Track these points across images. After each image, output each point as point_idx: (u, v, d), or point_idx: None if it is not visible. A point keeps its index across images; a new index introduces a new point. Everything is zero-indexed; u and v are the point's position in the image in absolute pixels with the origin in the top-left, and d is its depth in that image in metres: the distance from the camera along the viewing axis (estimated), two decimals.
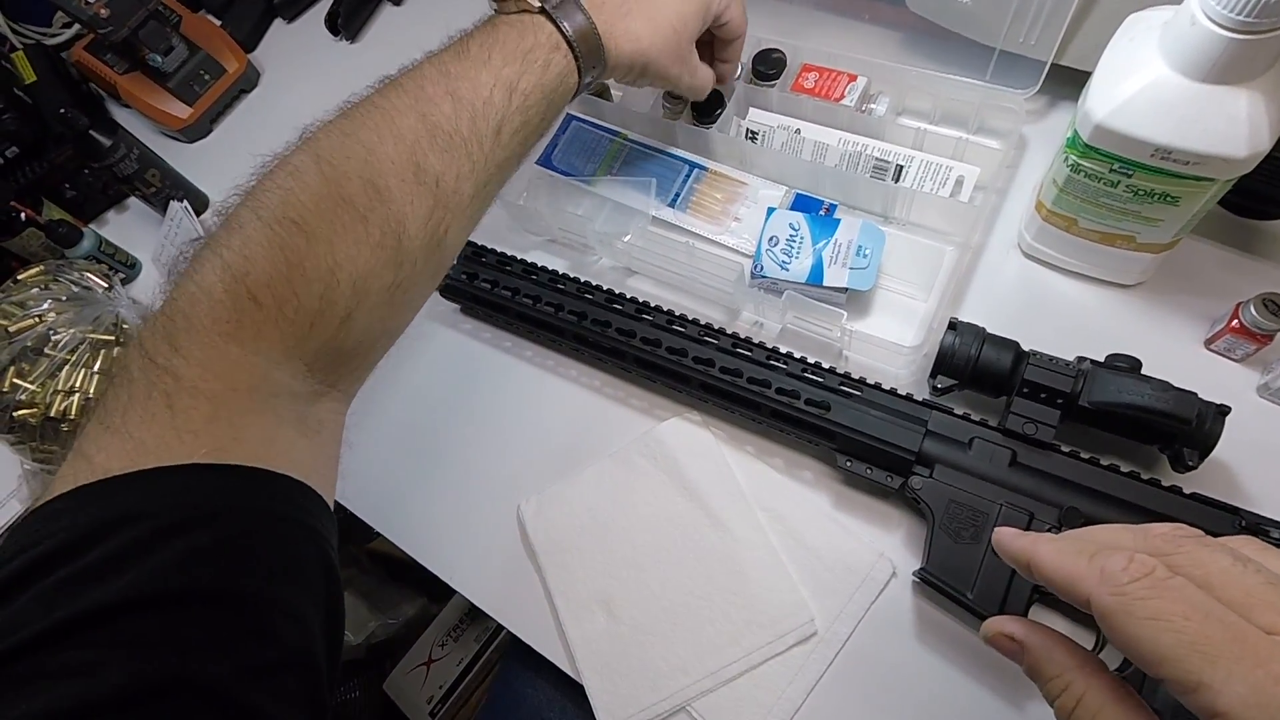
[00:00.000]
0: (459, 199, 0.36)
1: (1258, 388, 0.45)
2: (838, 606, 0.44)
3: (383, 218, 0.33)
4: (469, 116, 0.37)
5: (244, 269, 0.31)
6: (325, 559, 0.31)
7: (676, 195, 0.59)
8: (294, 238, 0.31)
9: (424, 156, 0.35)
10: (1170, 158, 0.38)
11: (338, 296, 0.32)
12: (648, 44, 0.46)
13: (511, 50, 0.39)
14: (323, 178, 0.33)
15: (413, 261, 0.35)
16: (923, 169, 0.55)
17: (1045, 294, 0.51)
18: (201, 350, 0.30)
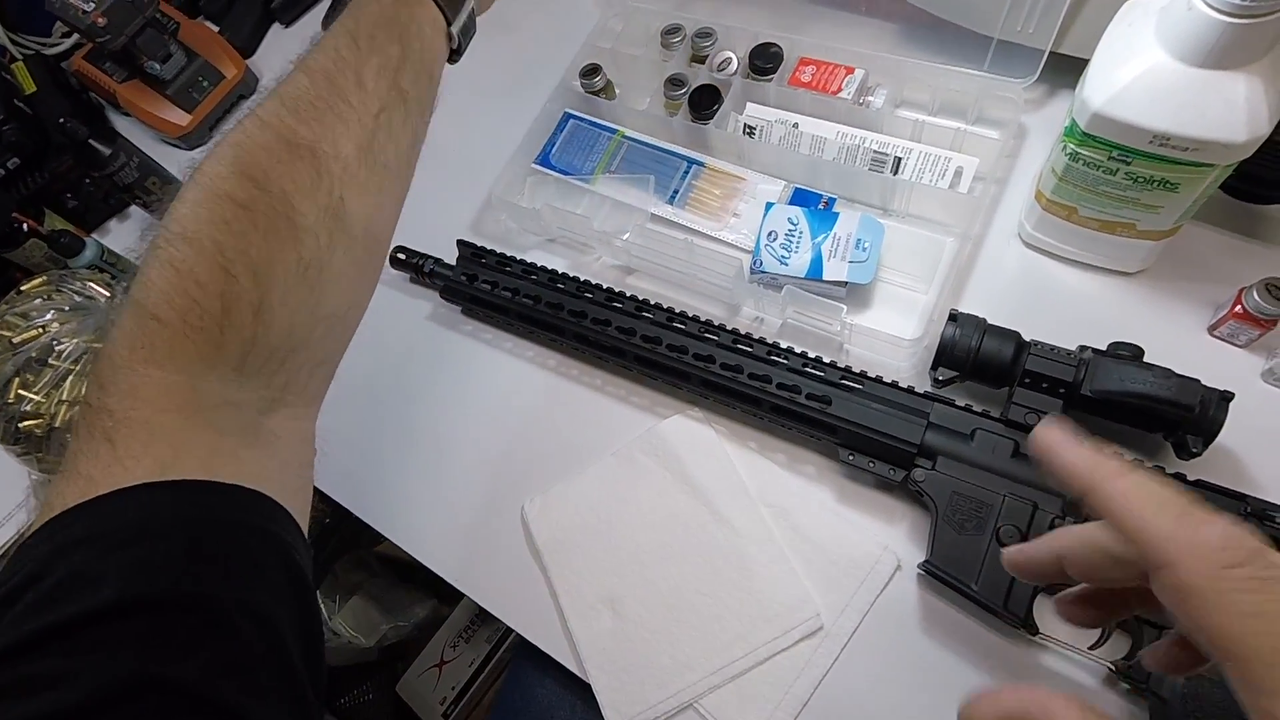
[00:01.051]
0: (343, 163, 0.36)
1: (1262, 373, 0.45)
2: (843, 600, 0.44)
3: (265, 204, 0.33)
4: (324, 80, 0.36)
5: (143, 295, 0.32)
6: (288, 561, 0.32)
7: (675, 192, 0.59)
8: (179, 249, 0.32)
9: (291, 132, 0.35)
10: (1169, 144, 0.38)
11: (238, 290, 0.32)
12: None
13: (353, 7, 0.39)
14: (196, 184, 0.34)
15: (314, 236, 0.35)
16: (921, 160, 0.55)
17: (1046, 283, 0.51)
18: (125, 382, 0.31)
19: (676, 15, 0.64)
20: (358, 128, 0.36)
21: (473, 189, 0.64)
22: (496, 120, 0.68)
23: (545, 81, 0.65)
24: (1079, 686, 0.40)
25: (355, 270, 0.38)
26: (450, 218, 0.64)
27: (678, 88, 0.60)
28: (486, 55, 0.73)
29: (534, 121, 0.62)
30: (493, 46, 0.74)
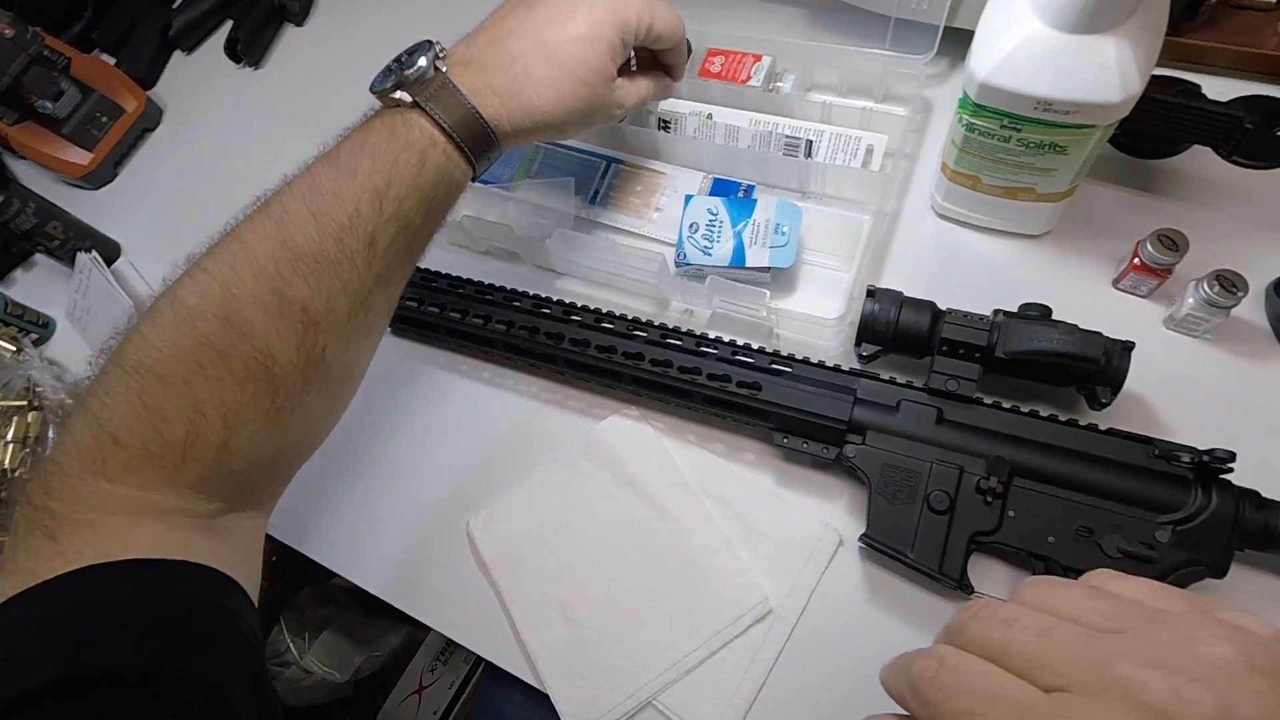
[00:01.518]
0: (334, 318, 0.35)
1: (1164, 320, 0.46)
2: (790, 582, 0.44)
3: (245, 353, 0.33)
4: (334, 235, 0.35)
5: (105, 416, 0.32)
6: (238, 632, 0.32)
7: (596, 192, 0.59)
8: (150, 384, 0.32)
9: (287, 286, 0.34)
10: (1052, 109, 0.39)
11: (206, 430, 0.32)
12: (551, 114, 0.41)
13: (382, 155, 0.36)
14: (178, 321, 0.33)
15: (290, 386, 0.34)
16: (833, 141, 0.56)
17: (960, 252, 0.52)
18: (72, 490, 0.31)
19: None
20: (357, 287, 0.35)
21: None
22: None
23: None
24: None
25: (328, 404, 0.38)
26: None
27: None
28: None
29: None
30: None
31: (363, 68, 0.72)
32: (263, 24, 0.76)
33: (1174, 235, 0.44)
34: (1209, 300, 0.43)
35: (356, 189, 0.35)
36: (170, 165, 0.74)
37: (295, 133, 0.72)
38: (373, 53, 0.73)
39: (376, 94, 0.39)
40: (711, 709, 0.42)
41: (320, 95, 0.73)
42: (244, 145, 0.73)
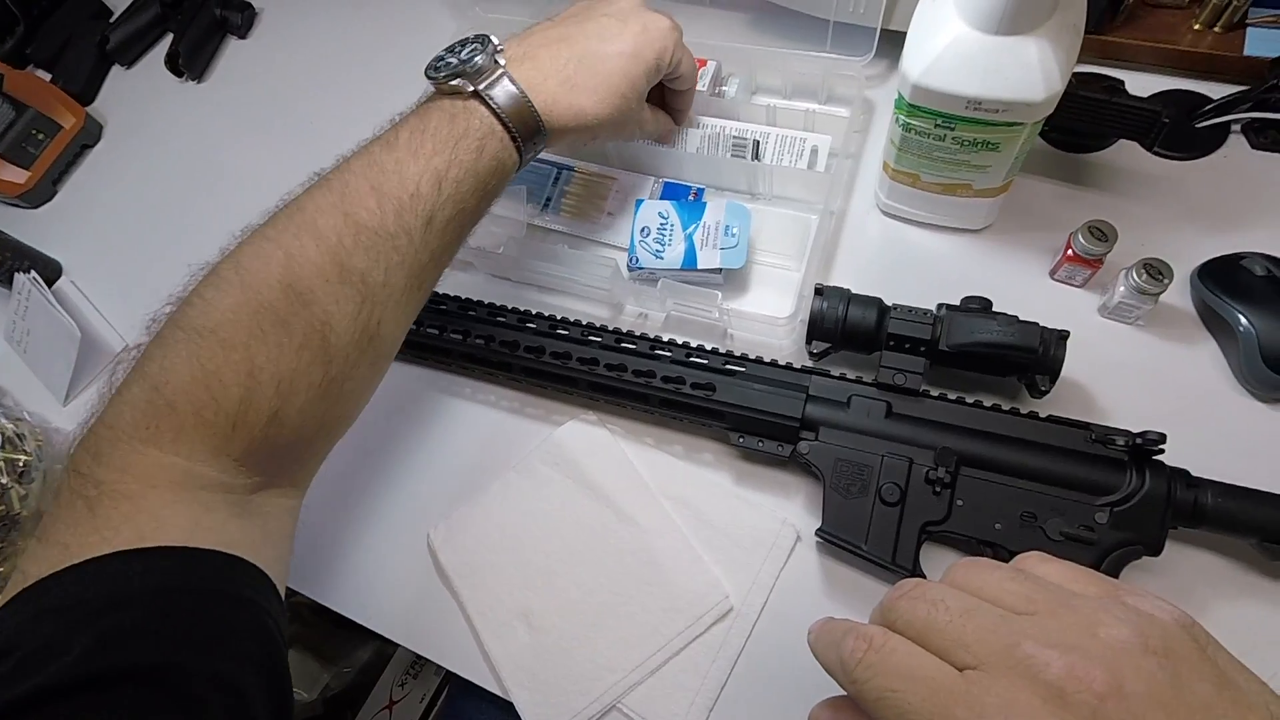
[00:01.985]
0: (390, 291, 0.36)
1: (1099, 309, 0.48)
2: (750, 579, 0.45)
3: (305, 321, 0.34)
4: (394, 211, 0.36)
5: (162, 379, 0.33)
6: (261, 626, 0.32)
7: (548, 199, 0.59)
8: (210, 346, 0.33)
9: (348, 256, 0.35)
10: (981, 108, 0.41)
11: (260, 398, 0.33)
12: (593, 116, 0.44)
13: (443, 139, 0.38)
14: (242, 285, 0.34)
15: (344, 357, 0.35)
16: (780, 143, 0.57)
17: (905, 248, 0.53)
18: (120, 456, 0.32)
19: (530, 23, 0.64)
20: (414, 262, 0.37)
21: None
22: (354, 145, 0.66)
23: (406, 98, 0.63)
24: None
25: (373, 376, 0.39)
26: None
27: None
28: (341, 79, 0.72)
29: None
30: (347, 69, 0.72)
31: (308, 79, 0.72)
32: (204, 37, 0.75)
33: (1103, 226, 0.46)
34: (1138, 288, 0.44)
35: (418, 169, 0.37)
36: (112, 182, 0.73)
37: (241, 146, 0.71)
38: (318, 64, 0.73)
39: (435, 81, 0.41)
40: (676, 708, 0.42)
41: (266, 108, 0.72)
42: (188, 160, 0.71)
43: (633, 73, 0.45)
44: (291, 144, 0.69)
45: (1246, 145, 0.51)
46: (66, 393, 0.61)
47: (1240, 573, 0.41)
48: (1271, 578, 0.40)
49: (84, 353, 0.61)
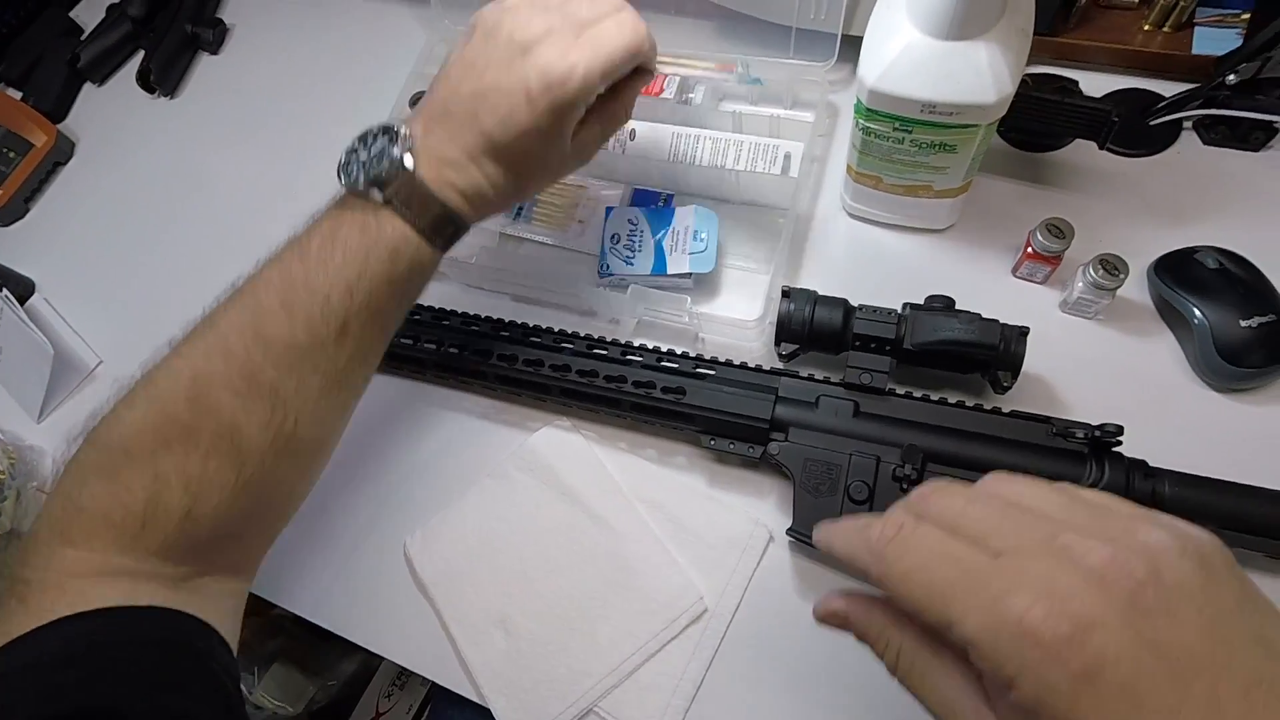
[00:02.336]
0: (305, 397, 0.36)
1: (1059, 304, 0.49)
2: (724, 580, 0.45)
3: (211, 429, 0.35)
4: (305, 324, 0.36)
5: (74, 490, 0.35)
6: (207, 670, 0.33)
7: (520, 208, 0.60)
8: (117, 456, 0.35)
9: (258, 370, 0.35)
10: (936, 110, 0.42)
11: (168, 499, 0.34)
12: (512, 196, 0.41)
13: (354, 249, 0.37)
14: (149, 401, 0.35)
15: (259, 459, 0.36)
16: (752, 150, 0.57)
17: (871, 249, 0.54)
18: (42, 557, 0.33)
19: None
20: (329, 369, 0.37)
21: None
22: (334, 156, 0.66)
23: (378, 111, 0.64)
24: None
25: (299, 474, 0.39)
26: None
27: None
28: (313, 93, 0.72)
29: None
30: (319, 83, 0.72)
31: (281, 94, 0.73)
32: (176, 53, 0.75)
33: (1060, 224, 0.47)
34: (1095, 283, 0.45)
35: (329, 281, 0.36)
36: (85, 199, 0.72)
37: (214, 161, 0.71)
38: (290, 79, 0.73)
39: (347, 189, 0.38)
40: (652, 710, 0.43)
41: (239, 123, 0.72)
42: (161, 176, 0.71)
43: (553, 133, 0.38)
44: (265, 159, 0.70)
45: (1198, 141, 0.52)
46: (40, 410, 0.61)
47: None
48: None
49: (57, 370, 0.61)
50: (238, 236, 0.66)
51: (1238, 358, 0.43)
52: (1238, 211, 0.49)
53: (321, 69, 0.73)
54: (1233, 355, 0.43)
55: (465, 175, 0.38)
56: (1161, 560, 0.21)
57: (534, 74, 0.36)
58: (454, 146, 0.38)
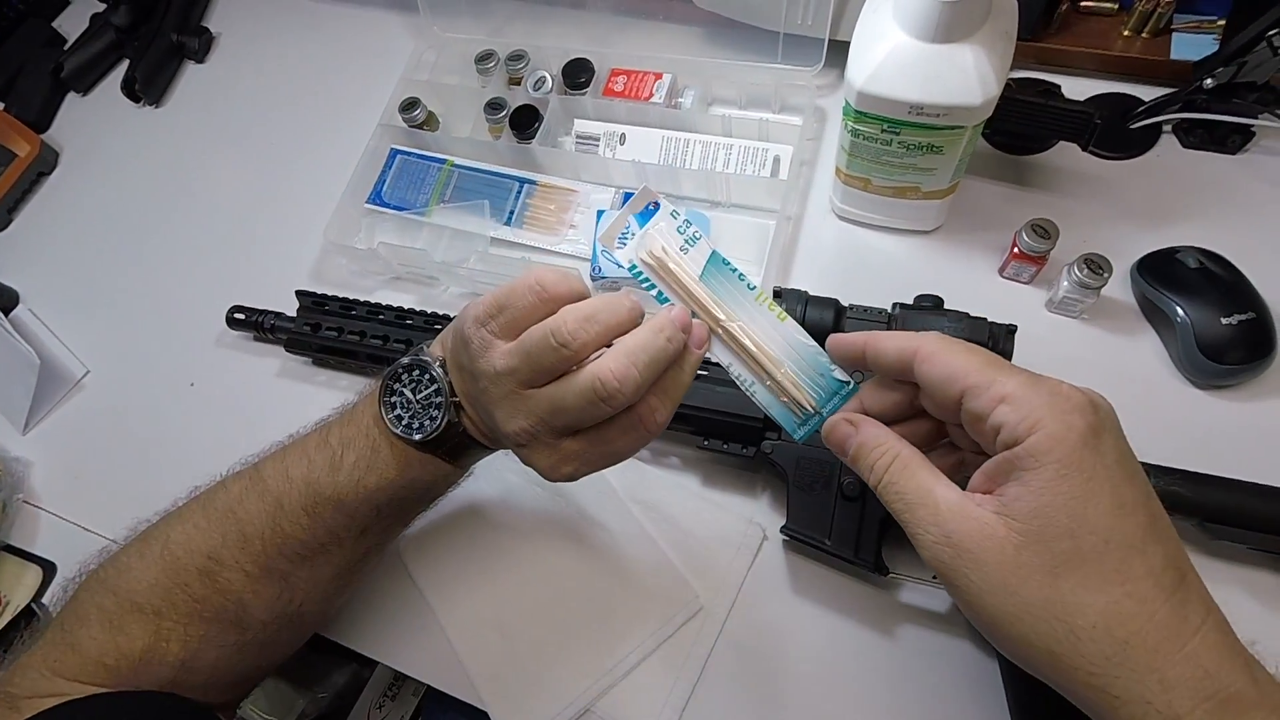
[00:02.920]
0: (316, 584, 0.38)
1: (1045, 304, 0.50)
2: (718, 579, 0.46)
3: (218, 603, 0.36)
4: (327, 529, 0.37)
5: (74, 626, 0.36)
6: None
7: (511, 213, 0.60)
8: (123, 608, 0.36)
9: (273, 560, 0.37)
10: (924, 112, 0.42)
11: (166, 651, 0.35)
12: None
13: (390, 480, 0.37)
14: (164, 563, 0.37)
15: (260, 627, 0.37)
16: (741, 154, 0.58)
17: (860, 251, 0.55)
18: (30, 680, 0.35)
19: (489, 41, 0.65)
20: (344, 561, 0.38)
21: (308, 236, 0.62)
22: (322, 164, 0.66)
23: (366, 119, 0.64)
24: (933, 614, 0.43)
25: (298, 639, 0.41)
26: (288, 269, 0.62)
27: (497, 111, 0.61)
28: (301, 102, 0.72)
29: (360, 161, 0.61)
30: (307, 91, 0.72)
31: (268, 103, 0.73)
32: (161, 62, 0.74)
33: (1045, 224, 0.47)
34: (1080, 282, 0.46)
35: (358, 501, 0.36)
36: (70, 209, 0.72)
37: (201, 171, 0.71)
38: (277, 87, 0.73)
39: (405, 441, 0.36)
40: (649, 709, 0.43)
41: (226, 132, 0.72)
42: (147, 186, 0.71)
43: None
44: (252, 168, 0.69)
45: (1178, 144, 0.53)
46: (26, 421, 0.60)
47: None
48: (1211, 556, 0.42)
49: (43, 380, 0.60)
50: (225, 246, 0.66)
51: (1219, 354, 0.44)
52: (1217, 213, 0.51)
53: (309, 77, 0.73)
54: (1214, 352, 0.44)
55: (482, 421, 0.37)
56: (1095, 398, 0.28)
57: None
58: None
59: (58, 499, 0.57)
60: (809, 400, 0.34)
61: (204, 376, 0.60)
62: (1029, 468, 0.25)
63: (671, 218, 0.34)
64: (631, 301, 0.31)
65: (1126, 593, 0.24)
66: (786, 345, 0.34)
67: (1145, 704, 0.24)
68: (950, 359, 0.28)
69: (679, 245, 0.34)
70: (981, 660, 0.41)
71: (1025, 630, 0.25)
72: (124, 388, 0.61)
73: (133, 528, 0.40)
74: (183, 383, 0.60)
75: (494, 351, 0.31)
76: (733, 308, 0.34)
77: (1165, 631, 0.24)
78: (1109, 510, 0.25)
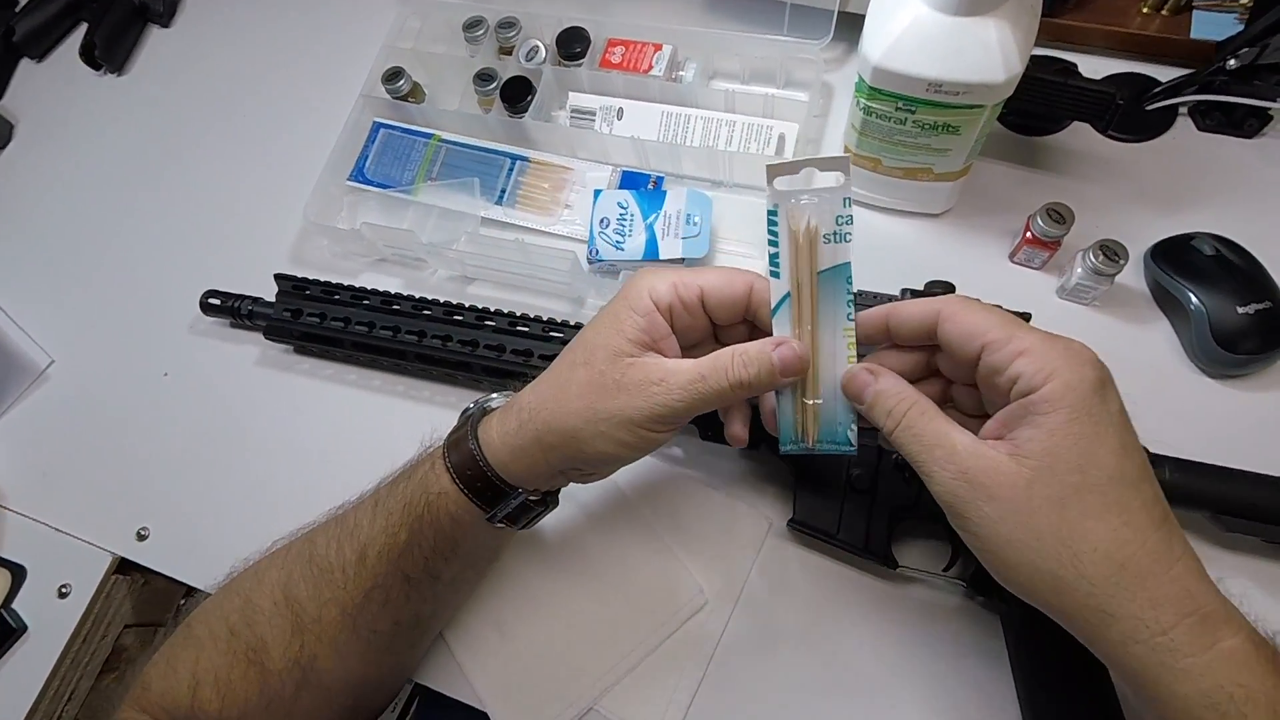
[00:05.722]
0: (324, 626, 0.37)
1: (1056, 290, 0.49)
2: (723, 572, 0.44)
3: (247, 638, 0.37)
4: (335, 544, 0.38)
5: (153, 659, 0.39)
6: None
7: (503, 191, 0.57)
8: (180, 637, 0.39)
9: (287, 588, 0.38)
10: (942, 90, 0.40)
11: (203, 695, 0.36)
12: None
13: (399, 495, 0.38)
14: (226, 591, 0.39)
15: (280, 681, 0.37)
16: (744, 131, 0.56)
17: (867, 233, 0.53)
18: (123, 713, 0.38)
19: (477, 7, 0.61)
20: (346, 597, 0.37)
21: (286, 216, 0.59)
22: (300, 137, 0.63)
23: (347, 89, 0.60)
24: (941, 608, 0.42)
25: (331, 715, 0.40)
26: (266, 250, 0.59)
27: (487, 82, 0.58)
28: (275, 69, 0.68)
29: (341, 135, 0.58)
30: (281, 58, 0.68)
31: (240, 69, 0.69)
32: (123, 26, 0.70)
33: (1060, 209, 0.46)
34: (1095, 269, 0.45)
35: (367, 503, 0.39)
36: (28, 187, 0.67)
37: (170, 146, 0.67)
38: (249, 53, 0.69)
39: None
40: (654, 706, 0.42)
41: (195, 104, 0.68)
42: (111, 161, 0.67)
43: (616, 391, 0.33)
44: (225, 142, 0.65)
45: (1193, 127, 0.52)
46: None
47: (1197, 545, 0.41)
48: (1223, 548, 0.41)
49: (4, 372, 0.56)
50: (197, 226, 0.62)
51: (1234, 344, 0.43)
52: (1232, 198, 0.49)
53: (284, 42, 0.69)
54: (1229, 342, 0.43)
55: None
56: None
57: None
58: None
59: (25, 498, 0.54)
60: (814, 435, 0.34)
61: (178, 366, 0.57)
62: (1044, 412, 0.28)
63: (843, 205, 0.33)
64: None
65: (1124, 522, 0.27)
66: (834, 382, 0.34)
67: (1136, 619, 0.27)
68: (973, 317, 0.30)
69: (829, 231, 0.33)
70: (992, 653, 0.41)
71: (1033, 556, 0.28)
72: (92, 378, 0.58)
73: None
74: (155, 372, 0.56)
75: None
76: (821, 322, 0.33)
77: (1155, 556, 0.27)
78: (1113, 450, 0.28)
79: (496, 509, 0.36)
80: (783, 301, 0.33)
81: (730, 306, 0.35)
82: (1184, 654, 0.26)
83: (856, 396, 0.33)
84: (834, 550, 0.43)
